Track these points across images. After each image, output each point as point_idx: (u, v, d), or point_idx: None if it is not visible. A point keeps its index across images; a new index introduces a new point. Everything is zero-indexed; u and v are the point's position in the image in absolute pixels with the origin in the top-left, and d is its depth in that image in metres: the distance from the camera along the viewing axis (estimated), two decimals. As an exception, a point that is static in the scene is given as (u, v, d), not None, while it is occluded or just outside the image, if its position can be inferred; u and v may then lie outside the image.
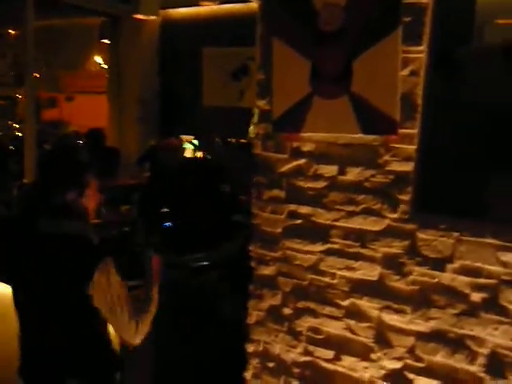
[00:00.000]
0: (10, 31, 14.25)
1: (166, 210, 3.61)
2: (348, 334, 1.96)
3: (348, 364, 1.97)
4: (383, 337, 1.88)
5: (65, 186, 1.96)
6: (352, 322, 1.94)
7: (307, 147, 1.98)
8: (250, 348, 2.20)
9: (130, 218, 3.43)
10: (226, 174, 3.51)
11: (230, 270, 3.06)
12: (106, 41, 7.67)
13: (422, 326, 1.80)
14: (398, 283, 1.83)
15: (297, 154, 2.01)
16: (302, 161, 2.00)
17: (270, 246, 2.11)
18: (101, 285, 1.86)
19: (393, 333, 1.86)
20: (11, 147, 8.72)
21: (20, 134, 10.68)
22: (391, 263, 1.84)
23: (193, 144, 6.19)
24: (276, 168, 2.06)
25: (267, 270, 2.13)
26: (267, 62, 2.02)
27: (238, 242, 3.11)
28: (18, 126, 12.14)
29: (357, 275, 1.92)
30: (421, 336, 1.80)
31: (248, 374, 2.22)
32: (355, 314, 1.93)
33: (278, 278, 2.11)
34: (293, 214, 2.04)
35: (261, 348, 2.17)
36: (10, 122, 12.94)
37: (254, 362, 2.20)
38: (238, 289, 2.43)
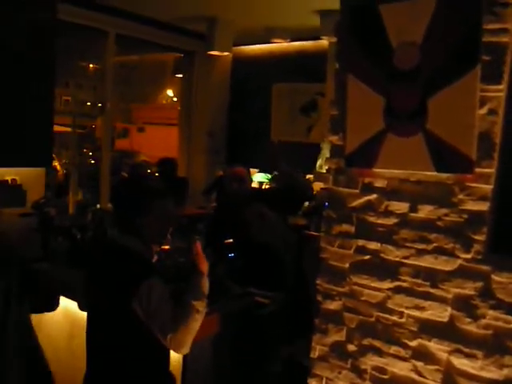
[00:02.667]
0: (90, 65, 15.07)
1: (231, 240, 3.66)
2: (415, 376, 1.90)
3: (414, 407, 1.91)
4: (452, 381, 1.81)
5: (133, 210, 2.16)
6: (419, 364, 1.89)
7: (379, 183, 1.98)
8: (312, 383, 2.18)
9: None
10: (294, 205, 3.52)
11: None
12: (179, 75, 7.96)
13: (495, 374, 1.72)
14: (469, 326, 1.77)
15: (368, 189, 2.01)
16: (373, 196, 2.00)
17: (336, 281, 2.11)
18: (142, 300, 1.99)
19: (462, 378, 1.79)
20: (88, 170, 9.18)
21: (93, 161, 11.21)
22: (463, 305, 1.79)
23: (260, 177, 6.28)
24: (346, 203, 2.07)
25: (333, 305, 2.12)
26: (341, 98, 2.05)
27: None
28: (92, 153, 12.74)
29: (426, 315, 1.87)
30: (493, 384, 1.73)
31: (309, 410, 2.19)
32: (423, 355, 1.88)
33: (343, 314, 2.09)
34: (361, 250, 2.03)
35: (323, 384, 2.15)
36: (85, 150, 13.60)
37: (316, 397, 2.17)
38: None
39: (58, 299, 2.77)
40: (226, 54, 6.45)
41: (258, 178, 6.16)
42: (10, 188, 5.59)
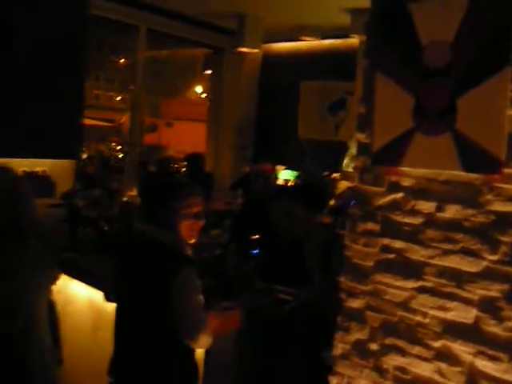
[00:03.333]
0: (120, 59, 15.25)
1: (256, 236, 3.67)
2: (437, 378, 1.89)
3: (435, 409, 1.89)
4: (475, 384, 1.80)
5: (159, 203, 2.21)
6: (443, 365, 1.88)
7: (406, 182, 1.97)
8: (333, 381, 2.18)
9: (220, 242, 3.52)
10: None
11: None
12: (208, 71, 8.01)
13: (519, 377, 1.70)
14: (494, 328, 1.75)
15: (394, 188, 2.00)
16: (400, 195, 1.99)
17: (360, 279, 2.10)
18: (177, 291, 2.03)
19: (486, 381, 1.77)
20: (116, 164, 9.31)
21: (120, 156, 11.36)
22: (488, 307, 1.77)
23: (287, 174, 6.28)
24: (372, 201, 2.06)
25: (356, 303, 2.11)
26: (369, 96, 2.04)
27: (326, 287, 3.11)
28: (119, 147, 12.92)
29: (450, 316, 1.86)
30: (518, 388, 1.71)
31: (330, 408, 2.19)
32: (446, 356, 1.87)
33: (366, 312, 2.08)
34: (386, 248, 2.02)
35: (344, 382, 2.15)
36: (113, 144, 13.80)
37: (337, 395, 2.17)
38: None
39: None
40: (255, 51, 6.46)
41: (285, 175, 6.16)
42: (40, 179, 5.70)
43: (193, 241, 2.32)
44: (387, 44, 1.97)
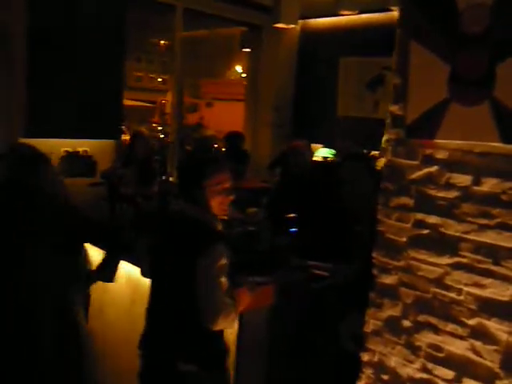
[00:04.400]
0: (161, 41, 15.33)
1: (292, 215, 3.64)
2: (472, 356, 1.83)
3: (470, 387, 1.84)
4: (511, 363, 1.73)
5: (191, 181, 2.24)
6: (477, 343, 1.82)
7: (440, 154, 1.90)
8: (365, 357, 2.15)
9: (255, 219, 3.51)
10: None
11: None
12: (246, 50, 7.95)
13: (559, 357, 1.63)
14: (533, 306, 1.69)
15: (429, 161, 1.93)
16: (434, 168, 1.92)
17: (393, 255, 2.05)
18: (204, 267, 2.05)
19: (523, 360, 1.71)
20: (156, 146, 9.42)
21: (162, 136, 11.47)
22: (526, 284, 1.70)
23: (324, 152, 6.20)
24: (406, 175, 2.00)
25: (389, 279, 2.07)
26: (404, 66, 1.97)
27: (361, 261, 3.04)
28: (161, 128, 13.05)
29: (486, 293, 1.79)
30: (556, 367, 1.64)
31: (361, 384, 2.17)
32: (481, 334, 1.80)
33: (399, 288, 2.04)
34: (420, 224, 1.96)
35: (376, 359, 2.11)
36: (154, 125, 13.95)
37: (368, 372, 2.14)
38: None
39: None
40: (291, 26, 6.36)
41: (322, 153, 6.08)
42: (82, 159, 5.82)
43: (225, 216, 2.34)
44: (422, 10, 1.89)
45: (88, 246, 3.02)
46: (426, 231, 1.95)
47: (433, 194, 1.92)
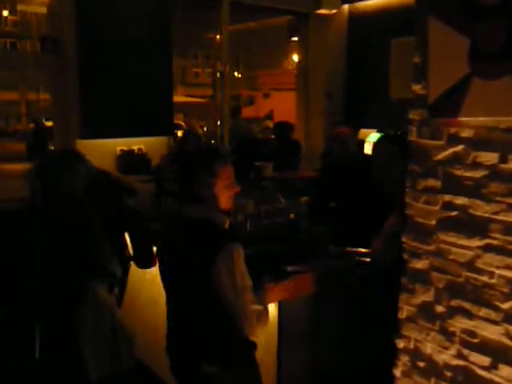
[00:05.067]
0: (217, 36, 15.45)
1: (333, 204, 3.60)
2: (507, 341, 1.76)
3: (506, 374, 1.76)
4: (548, 348, 1.65)
5: (193, 175, 2.13)
6: (511, 328, 1.74)
7: (465, 133, 1.82)
8: (400, 344, 2.11)
9: (296, 207, 3.50)
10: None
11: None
12: (295, 38, 7.90)
13: None
14: None
15: (454, 140, 1.86)
16: (460, 148, 1.84)
17: (423, 239, 1.99)
18: (222, 271, 1.97)
19: (560, 344, 1.63)
20: (213, 141, 9.55)
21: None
22: (560, 264, 1.61)
23: (376, 137, 6.07)
24: (431, 156, 1.93)
25: (420, 264, 2.01)
26: (423, 44, 1.90)
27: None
28: (218, 122, 13.19)
29: (519, 276, 1.71)
30: None
31: (397, 372, 2.13)
32: (516, 318, 1.73)
33: (431, 273, 1.98)
34: (448, 205, 1.90)
35: (411, 346, 2.07)
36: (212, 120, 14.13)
37: (404, 359, 2.10)
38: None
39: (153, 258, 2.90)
40: (333, 12, 6.25)
41: (374, 138, 5.96)
42: (137, 157, 6.02)
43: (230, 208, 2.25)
44: (438, -16, 1.82)
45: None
46: (454, 213, 1.88)
47: (459, 174, 1.85)
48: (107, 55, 5.56)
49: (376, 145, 3.09)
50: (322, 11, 6.09)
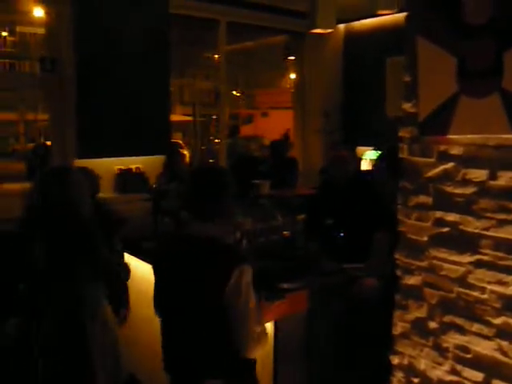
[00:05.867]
0: (215, 55, 15.61)
1: (330, 220, 3.61)
2: (499, 356, 1.76)
3: (500, 389, 1.77)
4: (540, 363, 1.66)
5: (214, 192, 2.10)
6: (504, 343, 1.75)
7: (455, 150, 1.85)
8: (395, 360, 2.11)
9: (293, 225, 3.52)
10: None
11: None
12: (292, 58, 7.99)
13: None
14: (557, 303, 1.61)
15: (444, 157, 1.89)
16: (450, 165, 1.87)
17: (415, 255, 2.01)
18: (234, 293, 1.96)
19: (552, 359, 1.63)
20: (211, 160, 9.59)
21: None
22: (550, 279, 1.62)
23: (372, 154, 6.12)
24: (422, 173, 1.96)
25: (413, 280, 2.03)
26: (413, 63, 1.94)
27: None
28: (218, 141, 13.29)
29: (510, 291, 1.72)
30: None
31: (392, 388, 2.13)
32: (508, 334, 1.73)
33: (423, 289, 1.99)
34: (439, 222, 1.92)
35: (405, 362, 2.07)
36: (211, 138, 14.23)
37: (399, 375, 2.10)
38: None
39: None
40: (328, 31, 6.33)
41: (370, 155, 6.01)
42: (135, 176, 6.03)
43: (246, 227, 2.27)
44: (426, 5, 1.86)
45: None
46: (446, 229, 1.90)
47: (450, 190, 1.88)
48: (105, 74, 5.60)
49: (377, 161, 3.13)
50: (318, 30, 6.16)
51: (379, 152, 5.86)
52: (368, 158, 5.97)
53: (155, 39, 5.91)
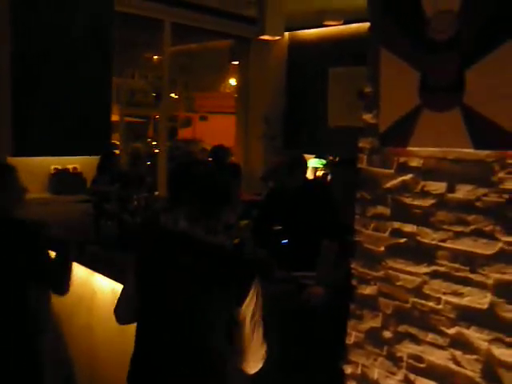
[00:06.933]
0: (154, 56, 15.38)
1: (278, 227, 3.60)
2: (452, 366, 1.80)
3: (452, 398, 1.81)
4: (492, 372, 1.70)
5: (220, 204, 1.96)
6: (457, 353, 1.79)
7: (414, 162, 1.88)
8: (348, 370, 2.12)
9: (242, 232, 3.47)
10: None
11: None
12: (236, 62, 7.98)
13: (539, 365, 1.60)
14: (510, 314, 1.65)
15: (403, 169, 1.91)
16: (409, 176, 1.90)
17: (371, 265, 2.03)
18: (248, 308, 1.86)
19: (504, 369, 1.68)
20: (148, 163, 9.38)
21: (157, 151, 11.47)
22: (504, 291, 1.67)
23: (315, 162, 6.20)
24: (381, 184, 1.98)
25: (368, 290, 2.04)
26: (375, 74, 1.96)
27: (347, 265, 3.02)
28: (155, 143, 13.04)
29: (464, 302, 1.76)
30: (537, 376, 1.61)
31: (345, 398, 2.13)
32: (461, 344, 1.77)
33: (379, 299, 2.01)
34: (397, 233, 1.94)
35: (359, 371, 2.08)
36: (149, 140, 13.95)
37: (352, 385, 2.11)
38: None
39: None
40: (277, 38, 6.37)
41: (313, 163, 6.09)
42: (71, 176, 5.81)
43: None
44: (391, 18, 1.89)
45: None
46: (402, 240, 1.93)
47: (408, 202, 1.90)
48: (43, 70, 5.38)
49: (334, 169, 3.16)
50: (266, 37, 6.18)
51: (323, 160, 5.98)
52: (310, 165, 6.04)
53: (98, 37, 5.74)
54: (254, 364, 1.98)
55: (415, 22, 1.80)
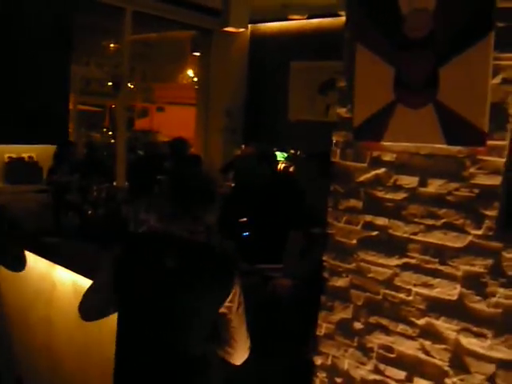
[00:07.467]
0: (111, 44, 15.05)
1: (244, 219, 3.61)
2: (422, 355, 1.85)
3: (421, 387, 1.86)
4: (460, 361, 1.76)
5: (203, 203, 2.00)
6: (427, 343, 1.84)
7: (387, 157, 1.91)
8: (318, 361, 2.14)
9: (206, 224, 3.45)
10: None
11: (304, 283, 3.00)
12: (197, 54, 7.91)
13: (505, 354, 1.66)
14: (478, 305, 1.71)
15: (376, 163, 1.95)
16: (382, 170, 1.93)
17: (343, 257, 2.05)
18: (232, 300, 1.89)
19: (471, 358, 1.74)
20: (104, 153, 9.20)
21: (113, 141, 11.25)
22: (472, 283, 1.73)
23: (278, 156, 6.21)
24: (354, 177, 2.01)
25: (339, 282, 2.07)
26: (350, 69, 1.98)
27: (315, 257, 3.05)
28: (111, 133, 12.79)
29: (434, 293, 1.82)
30: (503, 364, 1.67)
31: (314, 388, 2.16)
32: (430, 334, 1.83)
33: (350, 291, 2.04)
34: (369, 226, 1.97)
35: (329, 362, 2.11)
36: (105, 130, 13.69)
37: (322, 375, 2.13)
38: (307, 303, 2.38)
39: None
40: (241, 30, 6.35)
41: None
42: (27, 165, 5.65)
43: None
44: (367, 14, 1.91)
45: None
46: (374, 233, 1.96)
47: (381, 195, 1.94)
48: (0, 57, 5.19)
49: (297, 162, 3.18)
50: (230, 29, 6.14)
51: (285, 154, 6.00)
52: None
53: (58, 23, 5.57)
54: (241, 355, 1.99)
55: (391, 19, 1.83)
